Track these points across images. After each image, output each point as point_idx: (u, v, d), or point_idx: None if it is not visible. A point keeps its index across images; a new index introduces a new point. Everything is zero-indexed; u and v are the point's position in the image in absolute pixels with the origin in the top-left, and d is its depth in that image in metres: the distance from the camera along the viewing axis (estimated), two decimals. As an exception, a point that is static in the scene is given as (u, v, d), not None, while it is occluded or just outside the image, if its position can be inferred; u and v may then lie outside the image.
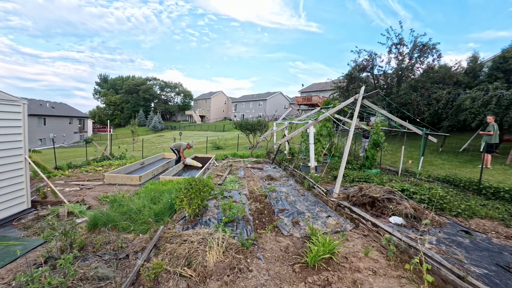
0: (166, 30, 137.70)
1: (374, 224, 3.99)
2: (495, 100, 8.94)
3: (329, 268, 3.03)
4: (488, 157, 8.10)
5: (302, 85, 48.96)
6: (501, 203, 5.04)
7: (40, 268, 2.41)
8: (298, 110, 14.71)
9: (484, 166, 6.97)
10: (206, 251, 2.94)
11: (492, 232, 4.01)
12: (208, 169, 10.02)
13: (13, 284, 2.45)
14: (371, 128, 9.09)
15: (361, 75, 16.13)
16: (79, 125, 45.50)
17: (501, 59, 13.75)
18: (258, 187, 7.24)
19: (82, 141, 41.70)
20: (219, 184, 7.31)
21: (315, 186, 6.51)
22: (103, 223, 4.06)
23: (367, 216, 4.24)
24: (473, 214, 4.62)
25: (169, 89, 79.39)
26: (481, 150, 8.03)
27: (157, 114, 64.88)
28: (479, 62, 16.02)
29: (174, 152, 10.69)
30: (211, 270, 2.73)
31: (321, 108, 10.48)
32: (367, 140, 9.67)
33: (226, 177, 8.13)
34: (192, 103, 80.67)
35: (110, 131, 20.32)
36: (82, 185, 7.13)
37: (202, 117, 72.54)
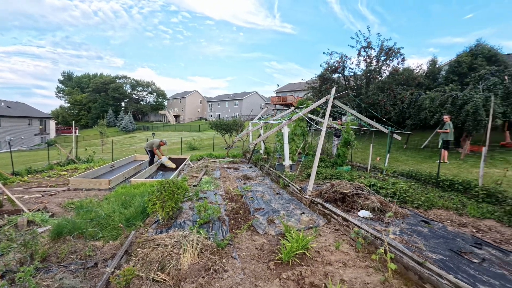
0: (137, 26, 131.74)
1: (344, 219, 4.20)
2: (450, 101, 9.80)
3: (302, 263, 3.14)
4: (445, 152, 8.87)
5: (278, 85, 49.77)
6: (455, 194, 5.56)
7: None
8: (273, 110, 14.94)
9: (441, 161, 7.62)
10: (180, 254, 2.90)
11: (448, 221, 4.41)
12: (183, 170, 9.81)
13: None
14: (342, 127, 9.51)
15: (333, 76, 16.81)
16: (40, 127, 41.99)
17: (456, 64, 15.14)
18: (234, 187, 7.24)
19: (43, 143, 38.55)
20: (194, 186, 7.20)
21: (289, 184, 6.67)
22: (68, 231, 3.82)
23: (338, 212, 4.45)
24: (432, 205, 5.04)
25: (141, 88, 76.12)
26: (439, 146, 8.76)
27: (128, 114, 61.94)
28: (437, 66, 17.50)
29: (148, 153, 10.31)
30: (185, 273, 2.70)
31: (295, 108, 10.75)
32: (338, 138, 10.10)
33: (201, 178, 8.03)
34: (166, 102, 78.15)
35: (75, 133, 19.02)
36: (44, 191, 6.61)
37: (176, 117, 70.56)
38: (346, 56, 16.27)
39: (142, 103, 76.27)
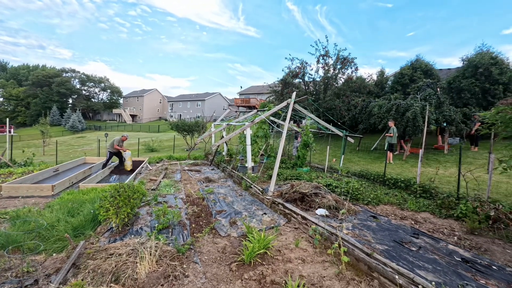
0: (89, 16, 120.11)
1: (303, 217, 4.41)
2: (395, 108, 10.97)
3: (264, 263, 3.21)
4: (390, 154, 9.89)
5: (241, 87, 50.05)
6: (399, 191, 6.25)
7: None
8: (236, 111, 14.97)
9: (388, 162, 8.48)
10: (137, 263, 2.74)
11: (392, 215, 4.93)
12: (140, 173, 9.26)
13: None
14: (301, 130, 9.97)
15: (294, 81, 17.50)
16: (-38, 124, 35.58)
17: (400, 75, 17.00)
18: (196, 190, 7.09)
19: (-34, 144, 32.74)
20: (152, 189, 6.85)
21: (252, 186, 6.76)
22: (1, 246, 3.32)
23: (298, 211, 4.65)
24: (379, 201, 5.59)
25: (92, 83, 69.50)
26: (385, 148, 9.73)
27: (76, 112, 56.02)
28: (385, 76, 19.46)
29: (107, 154, 9.45)
30: (142, 282, 2.55)
31: (258, 111, 10.94)
32: (298, 141, 10.56)
33: (160, 181, 7.67)
34: (121, 100, 72.65)
35: (10, 132, 16.58)
36: (-34, 200, 5.63)
37: (133, 116, 66.08)
38: (307, 63, 17.11)
39: (93, 100, 69.70)
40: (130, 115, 65.42)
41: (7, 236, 3.40)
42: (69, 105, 64.21)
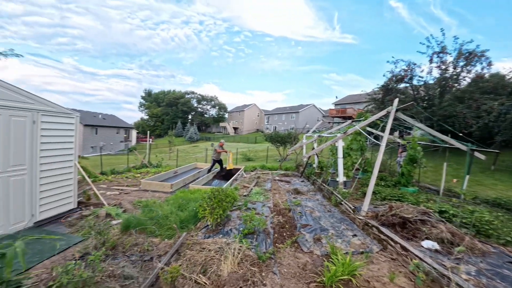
0: (204, 47, 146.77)
1: (403, 248, 3.69)
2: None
3: (347, 290, 2.87)
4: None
5: (336, 97, 47.83)
6: None
7: (74, 262, 2.71)
8: (329, 122, 14.38)
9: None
10: (221, 261, 3.01)
11: (552, 268, 3.43)
12: (236, 180, 10.22)
13: (53, 274, 2.78)
14: (407, 142, 8.50)
15: (398, 86, 15.30)
16: (125, 135, 49.88)
17: None
18: (284, 200, 7.17)
19: (126, 149, 45.58)
20: (244, 195, 7.41)
21: (342, 202, 6.25)
22: (133, 226, 4.39)
23: (397, 238, 3.94)
24: (529, 244, 4.00)
25: (205, 102, 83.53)
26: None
27: (193, 125, 68.36)
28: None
29: (214, 162, 11.04)
30: (224, 279, 2.78)
31: (353, 121, 10.12)
32: (403, 155, 9.04)
33: (252, 189, 8.21)
34: (226, 115, 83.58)
35: (149, 141, 21.91)
36: (121, 190, 7.79)
37: (235, 128, 74.53)
38: (415, 64, 14.64)
39: (206, 115, 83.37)
40: (233, 127, 74.11)
41: (138, 219, 4.46)
42: (189, 120, 79.16)
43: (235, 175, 10.56)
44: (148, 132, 16.67)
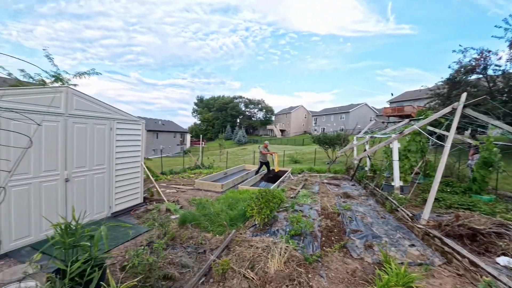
0: (251, 52, 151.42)
1: (472, 263, 3.24)
2: None
3: (402, 302, 2.67)
4: None
5: (392, 94, 43.78)
6: None
7: (142, 248, 3.16)
8: (383, 122, 13.32)
9: None
10: (268, 258, 3.12)
11: None
12: (283, 182, 10.26)
13: (126, 256, 3.28)
14: (480, 142, 7.35)
15: (468, 78, 13.29)
16: (180, 139, 54.46)
17: None
18: (332, 204, 6.94)
19: (182, 152, 49.66)
20: (291, 198, 7.41)
21: (398, 209, 5.76)
22: (189, 221, 4.83)
23: (464, 252, 3.47)
24: None
25: (252, 105, 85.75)
26: None
27: (241, 128, 70.81)
28: None
29: (261, 164, 11.37)
30: (271, 276, 2.87)
31: (411, 120, 9.19)
32: (474, 157, 7.83)
33: (299, 191, 8.15)
34: (273, 118, 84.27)
35: (202, 144, 23.52)
36: (178, 188, 8.58)
37: (282, 131, 74.53)
38: (489, 51, 12.49)
39: (253, 119, 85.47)
40: (280, 130, 74.25)
41: (193, 215, 4.89)
42: (237, 124, 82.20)
43: (282, 177, 10.61)
44: (201, 136, 17.93)
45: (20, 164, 3.82)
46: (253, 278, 2.87)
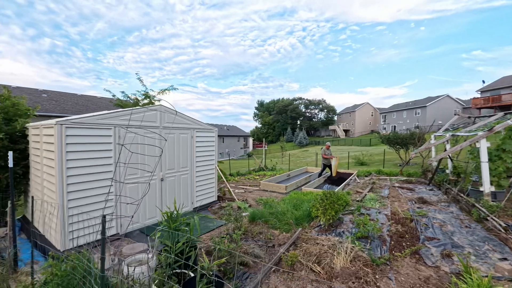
0: (309, 52, 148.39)
1: None
2: None
3: (484, 314, 2.52)
4: None
5: (483, 81, 36.17)
6: None
7: (222, 237, 3.79)
8: (469, 117, 11.41)
9: None
10: (334, 256, 3.32)
11: None
12: (348, 184, 9.98)
13: (209, 243, 3.99)
14: None
15: None
16: (244, 142, 57.41)
17: None
18: (404, 209, 6.50)
19: (245, 155, 52.30)
20: (357, 201, 7.24)
21: (488, 218, 5.05)
22: (258, 218, 5.37)
23: None
24: None
25: (313, 106, 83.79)
26: None
27: (302, 130, 69.93)
28: None
29: (324, 167, 11.39)
30: (337, 272, 3.07)
31: (506, 113, 7.71)
32: None
33: (366, 195, 7.87)
34: (335, 117, 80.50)
35: (264, 147, 24.46)
36: (245, 188, 9.36)
37: (346, 131, 70.43)
38: None
39: (314, 120, 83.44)
40: (343, 130, 70.34)
41: (261, 213, 5.41)
42: (297, 126, 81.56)
43: (347, 180, 10.33)
44: (263, 139, 18.76)
45: (129, 168, 5.02)
46: (320, 272, 3.13)
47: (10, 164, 3.83)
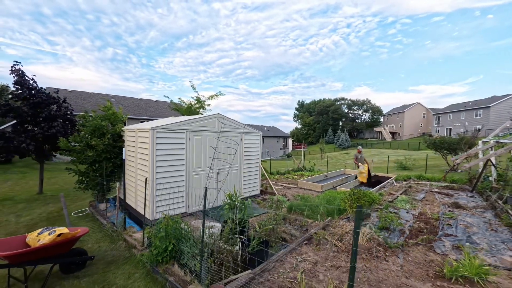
0: (354, 50, 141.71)
1: None
2: None
3: (467, 286, 3.26)
4: None
5: None
6: None
7: (269, 217, 5.01)
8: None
9: None
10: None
11: None
12: (384, 187, 10.39)
13: (255, 225, 5.26)
14: None
15: None
16: (283, 143, 58.29)
17: None
18: (435, 211, 6.92)
19: (284, 155, 53.16)
20: (389, 201, 7.80)
21: (515, 222, 5.35)
22: (294, 209, 6.48)
23: None
24: None
25: (356, 107, 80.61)
26: None
27: (344, 132, 67.91)
28: None
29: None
30: (354, 247, 4.05)
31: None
32: None
33: (397, 196, 8.34)
34: (381, 119, 76.14)
35: (304, 148, 25.18)
36: (284, 186, 10.49)
37: (393, 133, 66.17)
38: None
39: (357, 121, 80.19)
40: (390, 132, 66.25)
41: (298, 204, 6.51)
42: (339, 127, 79.26)
43: (384, 183, 10.71)
44: (303, 140, 19.58)
45: (196, 162, 6.55)
46: (340, 246, 4.13)
47: (124, 156, 5.61)
